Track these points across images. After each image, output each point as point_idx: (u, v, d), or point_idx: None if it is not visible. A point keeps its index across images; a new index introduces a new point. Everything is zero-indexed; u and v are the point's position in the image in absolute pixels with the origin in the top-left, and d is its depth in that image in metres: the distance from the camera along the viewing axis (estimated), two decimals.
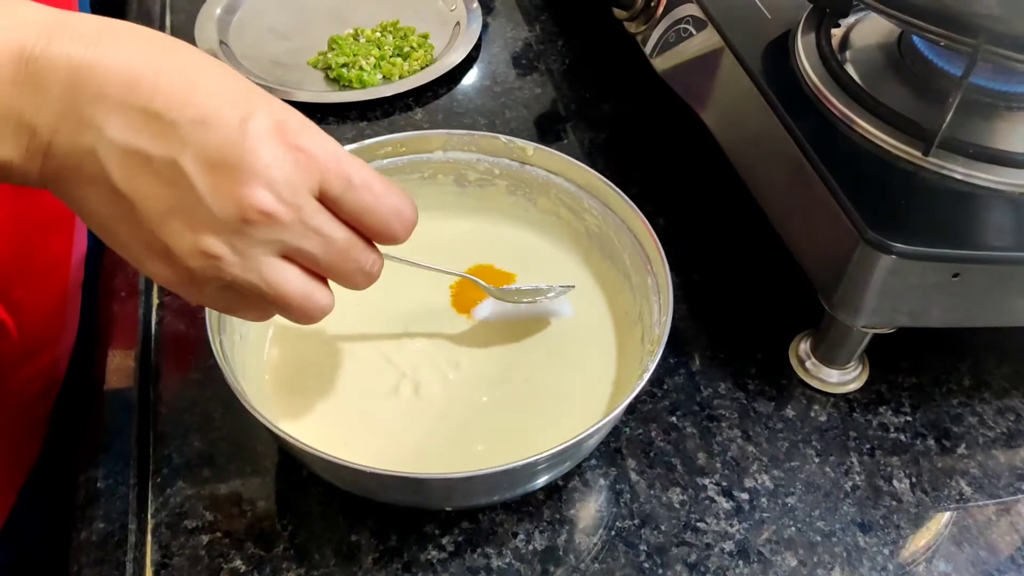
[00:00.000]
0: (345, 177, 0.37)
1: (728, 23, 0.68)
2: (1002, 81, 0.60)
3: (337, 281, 0.41)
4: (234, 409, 0.57)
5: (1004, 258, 0.53)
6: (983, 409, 0.62)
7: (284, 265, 0.38)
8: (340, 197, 0.37)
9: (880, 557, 0.53)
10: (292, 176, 0.35)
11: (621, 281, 0.61)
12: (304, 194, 0.36)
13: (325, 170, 0.36)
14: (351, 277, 0.41)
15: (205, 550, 0.51)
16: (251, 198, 0.34)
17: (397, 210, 0.39)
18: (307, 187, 0.36)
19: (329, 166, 0.36)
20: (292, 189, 0.35)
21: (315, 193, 0.37)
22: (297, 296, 0.39)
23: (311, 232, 0.37)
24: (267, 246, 0.36)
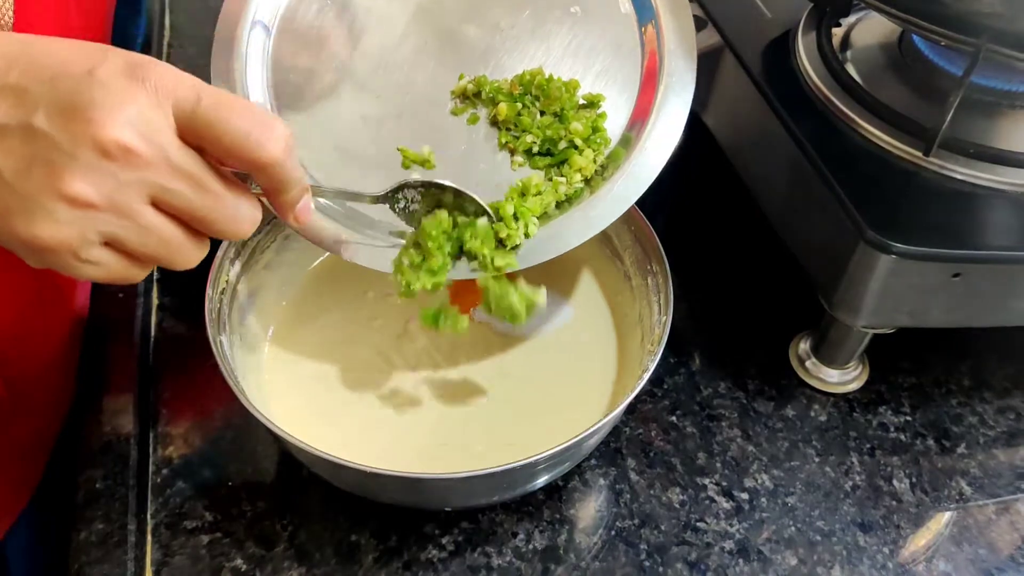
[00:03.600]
0: (194, 94, 0.36)
1: (728, 23, 0.68)
2: (1003, 80, 0.60)
3: (213, 230, 0.40)
4: (234, 409, 0.57)
5: (1005, 258, 0.53)
6: (983, 409, 0.62)
7: (158, 214, 0.37)
8: (191, 117, 0.36)
9: (880, 556, 0.53)
10: (146, 110, 0.35)
11: (621, 281, 0.61)
12: (166, 132, 0.36)
13: (174, 93, 0.36)
14: (226, 223, 0.39)
15: (206, 549, 0.51)
16: (106, 131, 0.34)
17: (255, 120, 0.37)
18: (166, 122, 0.36)
19: (177, 90, 0.36)
20: (149, 123, 0.35)
21: (175, 129, 0.36)
22: (176, 241, 0.38)
23: (179, 173, 0.37)
24: (136, 189, 0.36)
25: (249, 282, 0.57)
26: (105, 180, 0.35)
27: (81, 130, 0.34)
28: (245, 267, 0.57)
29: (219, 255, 0.54)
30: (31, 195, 0.35)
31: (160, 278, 0.65)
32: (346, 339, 0.59)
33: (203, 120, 0.37)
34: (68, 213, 0.35)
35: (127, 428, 0.56)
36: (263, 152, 0.38)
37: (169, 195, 0.37)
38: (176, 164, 0.37)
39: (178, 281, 0.65)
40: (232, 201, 0.39)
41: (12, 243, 0.37)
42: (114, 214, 0.36)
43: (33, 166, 0.35)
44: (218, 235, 0.40)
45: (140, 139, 0.35)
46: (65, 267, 0.37)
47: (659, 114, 0.53)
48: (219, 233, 0.40)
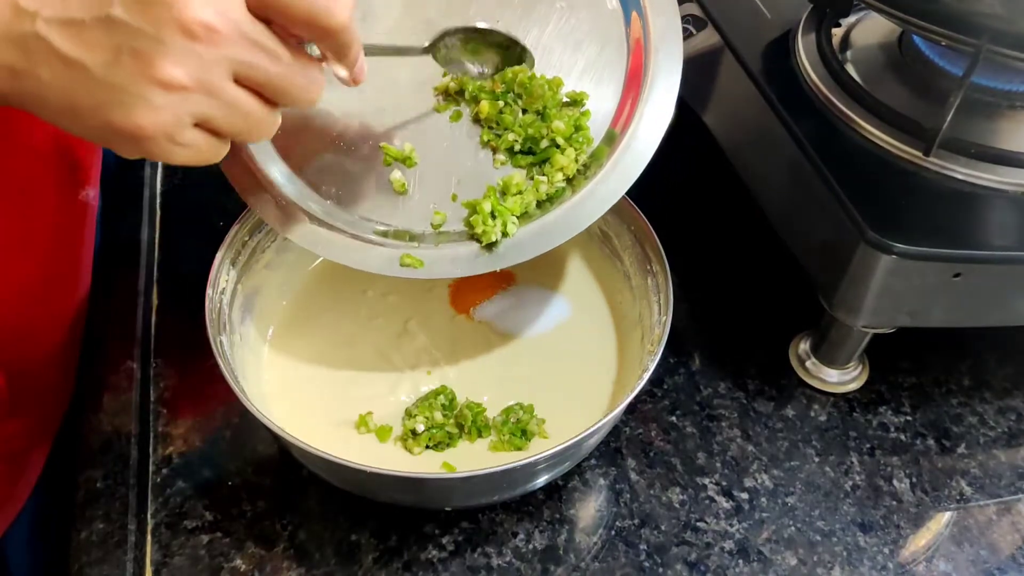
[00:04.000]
0: None
1: (728, 23, 0.68)
2: (1003, 80, 0.60)
3: (287, 98, 0.41)
4: (234, 409, 0.57)
5: (1005, 258, 0.53)
6: (983, 409, 0.62)
7: (240, 88, 0.39)
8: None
9: (880, 556, 0.53)
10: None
11: (621, 281, 0.61)
12: (239, 7, 0.37)
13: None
14: (300, 91, 0.41)
15: (205, 549, 0.51)
16: (188, 13, 0.35)
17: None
18: (239, 0, 0.37)
19: None
20: (224, 1, 0.36)
21: (245, 2, 0.37)
22: (257, 113, 0.40)
23: (255, 46, 0.38)
24: (220, 66, 0.37)
25: (249, 282, 0.57)
26: (193, 60, 0.36)
27: (162, 14, 0.35)
28: (245, 267, 0.57)
29: (219, 255, 0.54)
30: (124, 85, 0.36)
31: (160, 278, 0.65)
32: (346, 339, 0.59)
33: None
34: (163, 97, 0.36)
35: (127, 428, 0.56)
36: (332, 19, 0.39)
37: (249, 68, 0.38)
38: (252, 38, 0.37)
39: (178, 281, 0.65)
40: (303, 69, 0.40)
41: (108, 134, 0.38)
42: (204, 93, 0.37)
43: (121, 56, 0.35)
44: (292, 103, 0.41)
45: (218, 17, 0.36)
46: (160, 152, 0.38)
47: (643, 111, 0.53)
48: (293, 101, 0.41)
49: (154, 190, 0.73)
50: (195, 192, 0.72)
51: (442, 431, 0.53)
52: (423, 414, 0.53)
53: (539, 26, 0.55)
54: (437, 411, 0.53)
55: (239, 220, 0.56)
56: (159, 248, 0.68)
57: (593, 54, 0.55)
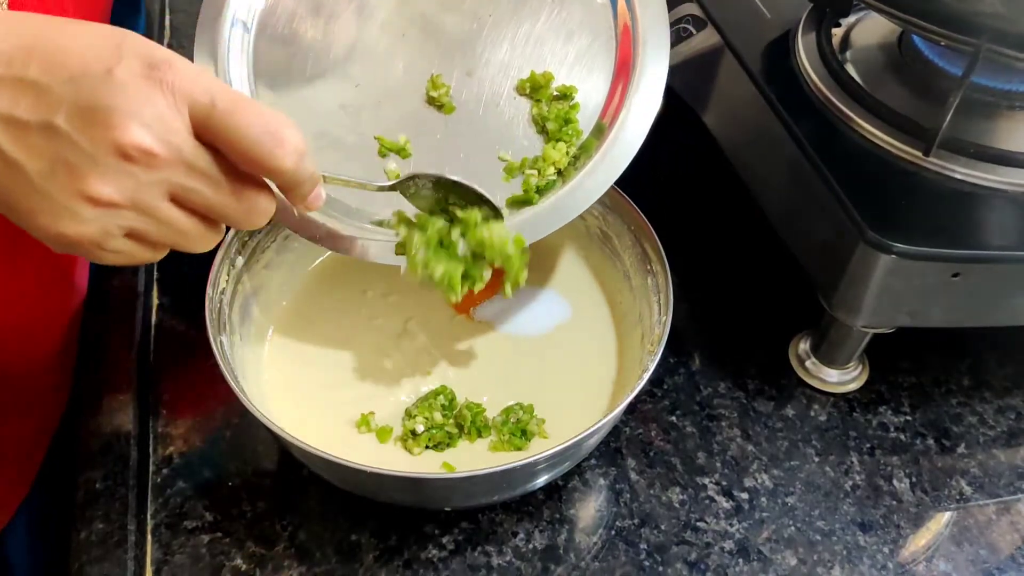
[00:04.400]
0: (209, 98, 0.37)
1: (728, 23, 0.68)
2: (1003, 80, 0.60)
3: (229, 223, 0.41)
4: (234, 409, 0.57)
5: (1005, 258, 0.53)
6: (983, 409, 0.62)
7: (176, 208, 0.39)
8: (206, 119, 0.37)
9: (880, 556, 0.53)
10: (163, 112, 0.36)
11: (621, 281, 0.61)
12: (182, 132, 0.37)
13: (191, 95, 0.37)
14: (240, 217, 0.41)
15: (206, 549, 0.51)
16: (126, 136, 0.35)
17: (268, 129, 0.38)
18: (182, 123, 0.37)
19: (194, 91, 0.37)
20: (166, 125, 0.36)
21: (191, 130, 0.38)
22: (193, 231, 0.40)
23: (195, 172, 0.38)
24: (155, 188, 0.37)
25: (249, 282, 0.57)
26: (126, 181, 0.36)
27: (102, 134, 0.35)
28: (245, 267, 0.57)
29: (219, 255, 0.54)
30: (55, 196, 0.36)
31: (160, 278, 0.65)
32: (346, 338, 0.59)
33: (217, 124, 0.38)
34: (91, 212, 0.37)
35: (127, 428, 0.56)
36: (275, 162, 0.39)
37: (187, 192, 0.39)
38: (192, 164, 0.38)
39: (178, 281, 0.65)
40: (247, 196, 0.40)
41: (39, 235, 0.38)
42: (135, 211, 0.38)
43: (56, 167, 0.36)
44: (234, 226, 0.42)
45: (158, 142, 0.36)
46: (88, 256, 0.39)
47: (632, 101, 0.54)
48: (235, 224, 0.42)
49: None
50: None
51: (442, 431, 0.53)
52: (423, 414, 0.53)
53: (531, 19, 0.56)
54: (437, 411, 0.53)
55: None
56: None
57: (584, 45, 0.56)
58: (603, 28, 0.56)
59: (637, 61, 0.54)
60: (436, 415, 0.53)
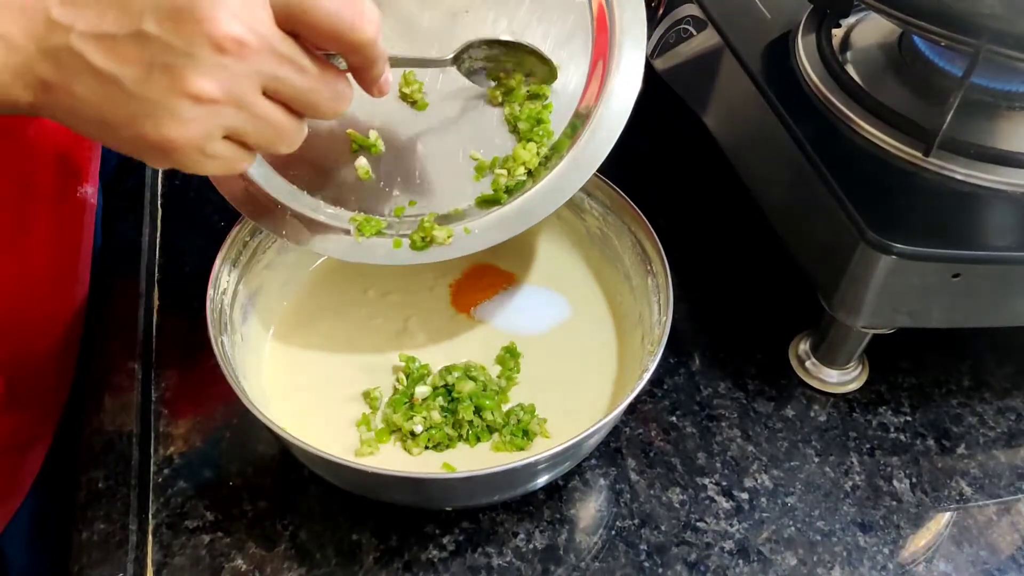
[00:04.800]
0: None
1: (728, 23, 0.68)
2: (1003, 81, 0.60)
3: (315, 111, 0.42)
4: (234, 409, 0.57)
5: (1005, 258, 0.53)
6: (983, 409, 0.62)
7: (269, 101, 0.39)
8: (287, 3, 0.38)
9: (880, 556, 0.53)
10: (248, 2, 0.37)
11: (621, 282, 0.61)
12: (267, 20, 0.37)
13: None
14: (327, 104, 0.41)
15: (206, 549, 0.51)
16: (219, 28, 0.36)
17: (346, 2, 0.39)
18: (266, 11, 0.37)
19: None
20: (252, 14, 0.37)
21: (273, 18, 0.38)
22: (285, 125, 0.41)
23: (284, 60, 0.38)
24: (249, 80, 0.38)
25: (250, 282, 0.57)
26: (223, 74, 0.37)
27: (193, 29, 0.36)
28: (246, 267, 0.57)
29: (220, 255, 0.54)
30: (156, 99, 0.37)
31: (161, 278, 0.65)
32: (347, 338, 0.59)
33: (298, 6, 0.38)
34: (194, 111, 0.37)
35: (128, 428, 0.56)
36: (358, 34, 0.39)
37: (278, 82, 0.39)
38: (281, 52, 0.38)
39: (179, 281, 0.65)
40: (330, 82, 0.41)
41: (139, 147, 0.38)
42: (234, 106, 0.38)
43: (153, 70, 0.36)
44: (320, 115, 0.42)
45: (248, 31, 0.36)
46: (190, 164, 0.39)
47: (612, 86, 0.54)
48: (321, 113, 0.42)
49: (155, 191, 0.73)
50: (196, 193, 0.72)
51: (441, 432, 0.53)
52: (421, 414, 0.53)
53: (507, 14, 0.56)
54: (435, 411, 0.53)
55: (240, 220, 0.56)
56: (160, 249, 0.68)
57: (561, 38, 0.55)
58: (581, 19, 0.56)
59: (613, 52, 0.54)
60: (435, 415, 0.53)
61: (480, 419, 0.54)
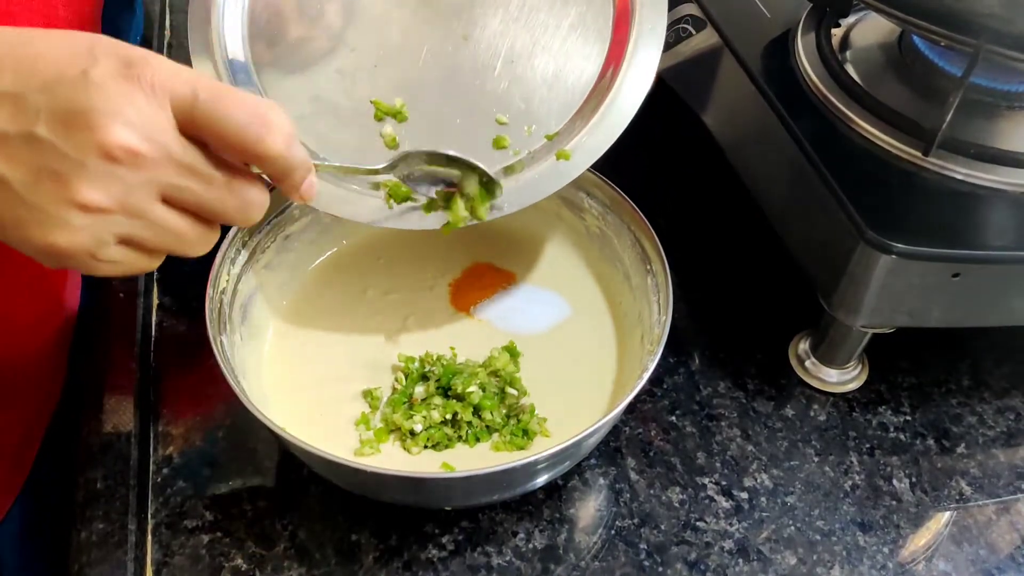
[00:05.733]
0: (190, 89, 0.36)
1: (728, 23, 0.68)
2: (1003, 81, 0.60)
3: (223, 220, 0.41)
4: (234, 409, 0.57)
5: (1004, 258, 0.53)
6: (983, 409, 0.62)
7: (169, 209, 0.38)
8: (191, 112, 0.37)
9: (880, 556, 0.53)
10: (145, 110, 0.35)
11: (621, 281, 0.61)
12: (167, 128, 0.36)
13: (171, 90, 0.36)
14: (235, 213, 0.40)
15: (206, 549, 0.51)
16: (109, 136, 0.35)
17: (255, 113, 0.38)
18: (166, 119, 0.36)
19: (174, 85, 0.36)
20: (150, 122, 0.36)
21: (176, 125, 0.37)
22: (188, 233, 0.39)
23: (185, 169, 0.37)
24: (145, 189, 0.36)
25: (249, 282, 0.57)
26: (114, 184, 0.36)
27: (85, 138, 0.35)
28: (245, 267, 0.57)
29: (219, 255, 0.54)
30: (43, 206, 0.35)
31: (160, 278, 0.65)
32: (346, 337, 0.59)
33: (202, 115, 0.37)
34: (82, 219, 0.36)
35: (128, 427, 0.56)
36: (263, 147, 0.38)
37: (178, 191, 0.38)
38: (180, 160, 0.37)
39: (178, 281, 0.65)
40: (239, 189, 0.39)
41: (28, 250, 0.37)
42: (126, 215, 0.37)
43: (41, 177, 0.35)
44: (229, 223, 0.41)
45: (143, 140, 0.35)
46: (82, 267, 0.38)
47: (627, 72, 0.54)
48: (229, 221, 0.40)
49: None
50: None
51: (440, 431, 0.53)
52: (420, 414, 0.53)
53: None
54: (435, 411, 0.53)
55: None
56: None
57: (580, 12, 0.55)
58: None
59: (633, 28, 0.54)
60: (434, 414, 0.53)
61: (479, 419, 0.54)
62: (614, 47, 0.55)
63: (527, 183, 0.53)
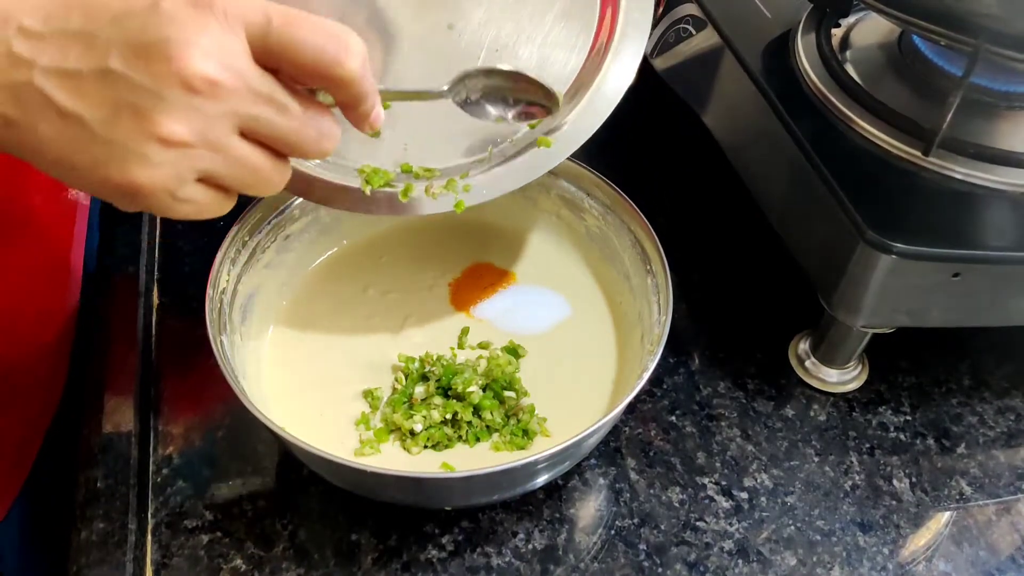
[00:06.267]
0: (263, 16, 0.35)
1: (728, 23, 0.68)
2: (1002, 81, 0.60)
3: (299, 152, 0.40)
4: (234, 409, 0.57)
5: (1004, 258, 0.53)
6: (983, 409, 0.62)
7: (246, 142, 0.37)
8: (265, 38, 0.36)
9: (880, 556, 0.53)
10: (221, 39, 0.34)
11: (621, 281, 0.61)
12: (243, 57, 0.35)
13: (244, 16, 0.35)
14: (311, 144, 0.39)
15: (205, 550, 0.51)
16: (188, 67, 0.34)
17: (331, 34, 0.37)
18: (242, 48, 0.35)
19: (247, 12, 0.35)
20: (226, 51, 0.35)
21: (250, 54, 0.36)
22: (264, 168, 0.38)
23: (262, 99, 0.36)
24: (224, 121, 0.36)
25: (249, 282, 0.57)
26: (195, 116, 0.35)
27: (162, 68, 0.34)
28: (245, 267, 0.57)
29: (219, 255, 0.54)
30: (123, 141, 0.34)
31: (160, 278, 0.65)
32: (346, 337, 0.59)
33: (277, 41, 0.36)
34: (163, 154, 0.35)
35: (128, 427, 0.56)
36: (342, 69, 0.37)
37: (255, 122, 0.37)
38: (258, 90, 0.36)
39: (178, 281, 0.65)
40: (314, 120, 0.39)
41: (106, 190, 0.36)
42: (207, 149, 0.36)
43: (119, 112, 0.34)
44: (303, 155, 0.40)
45: (222, 69, 0.34)
46: (161, 208, 0.37)
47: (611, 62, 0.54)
48: (304, 152, 0.39)
49: None
50: None
51: (440, 431, 0.53)
52: (420, 413, 0.53)
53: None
54: (435, 411, 0.53)
55: (239, 220, 0.56)
56: (159, 248, 0.68)
57: (565, 4, 0.55)
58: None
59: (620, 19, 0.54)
60: (434, 414, 0.53)
61: (479, 419, 0.54)
62: (599, 37, 0.55)
63: (510, 170, 0.53)
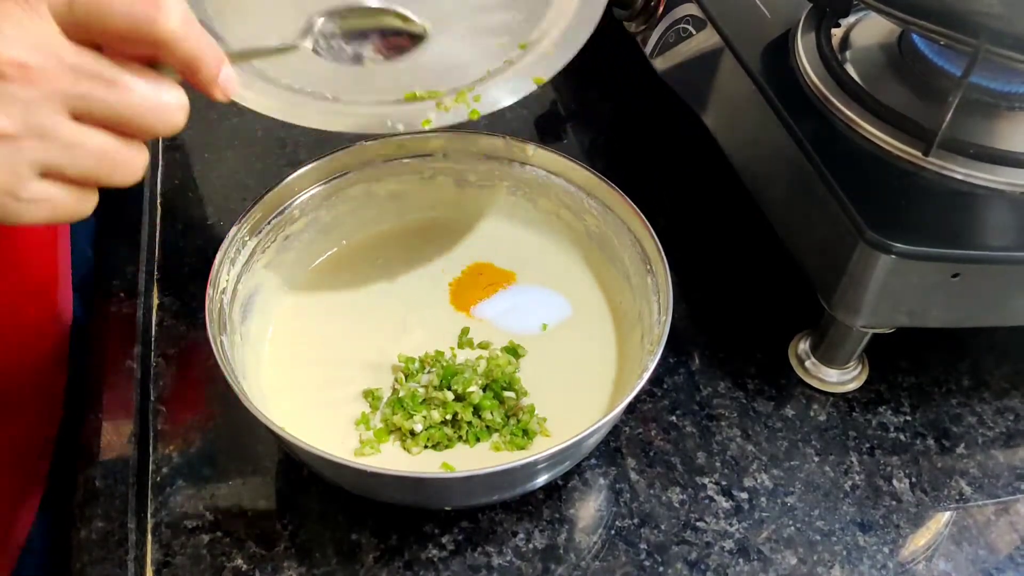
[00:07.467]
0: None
1: (728, 23, 0.68)
2: (1003, 81, 0.60)
3: (144, 128, 0.36)
4: (234, 409, 0.57)
5: (1004, 258, 0.53)
6: (982, 409, 0.62)
7: (81, 125, 0.35)
8: (70, 12, 0.33)
9: (880, 556, 0.53)
10: (23, 19, 0.33)
11: (621, 281, 0.61)
12: (51, 35, 0.33)
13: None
14: (154, 117, 0.36)
15: (206, 549, 0.51)
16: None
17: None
18: (48, 26, 0.33)
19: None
20: (32, 34, 0.33)
21: (60, 31, 0.34)
22: (111, 151, 0.36)
23: (83, 75, 0.34)
24: (46, 105, 0.33)
25: (249, 281, 0.57)
26: (11, 104, 0.33)
27: None
28: (245, 267, 0.57)
29: (219, 255, 0.54)
30: None
31: (160, 278, 0.65)
32: (346, 337, 0.59)
33: (84, 12, 0.34)
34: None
35: (127, 427, 0.56)
36: (158, 27, 0.34)
37: (83, 101, 0.34)
38: (76, 66, 0.34)
39: (178, 281, 0.65)
40: (150, 90, 0.36)
41: None
42: (36, 138, 0.33)
43: None
44: (150, 132, 0.37)
45: (30, 51, 0.32)
46: (7, 214, 0.34)
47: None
48: (150, 128, 0.36)
49: (154, 190, 0.73)
50: (195, 192, 0.72)
51: (440, 431, 0.53)
52: (420, 413, 0.53)
53: None
54: (435, 411, 0.53)
55: (239, 220, 0.56)
56: (159, 248, 0.68)
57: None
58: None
59: None
60: (434, 414, 0.53)
61: (479, 419, 0.54)
62: None
63: (517, 74, 0.53)
